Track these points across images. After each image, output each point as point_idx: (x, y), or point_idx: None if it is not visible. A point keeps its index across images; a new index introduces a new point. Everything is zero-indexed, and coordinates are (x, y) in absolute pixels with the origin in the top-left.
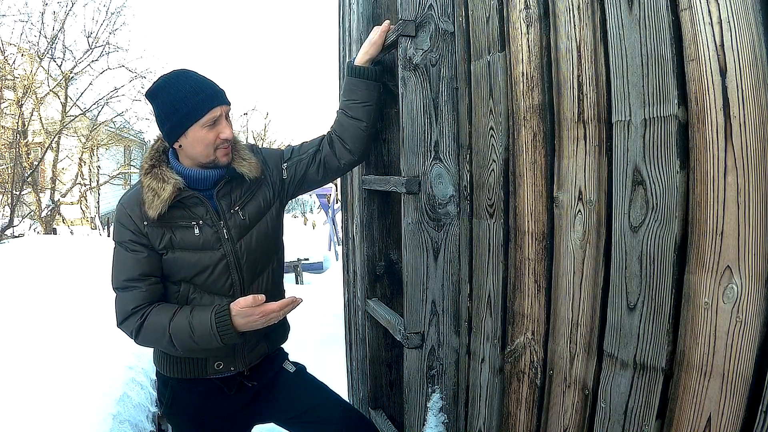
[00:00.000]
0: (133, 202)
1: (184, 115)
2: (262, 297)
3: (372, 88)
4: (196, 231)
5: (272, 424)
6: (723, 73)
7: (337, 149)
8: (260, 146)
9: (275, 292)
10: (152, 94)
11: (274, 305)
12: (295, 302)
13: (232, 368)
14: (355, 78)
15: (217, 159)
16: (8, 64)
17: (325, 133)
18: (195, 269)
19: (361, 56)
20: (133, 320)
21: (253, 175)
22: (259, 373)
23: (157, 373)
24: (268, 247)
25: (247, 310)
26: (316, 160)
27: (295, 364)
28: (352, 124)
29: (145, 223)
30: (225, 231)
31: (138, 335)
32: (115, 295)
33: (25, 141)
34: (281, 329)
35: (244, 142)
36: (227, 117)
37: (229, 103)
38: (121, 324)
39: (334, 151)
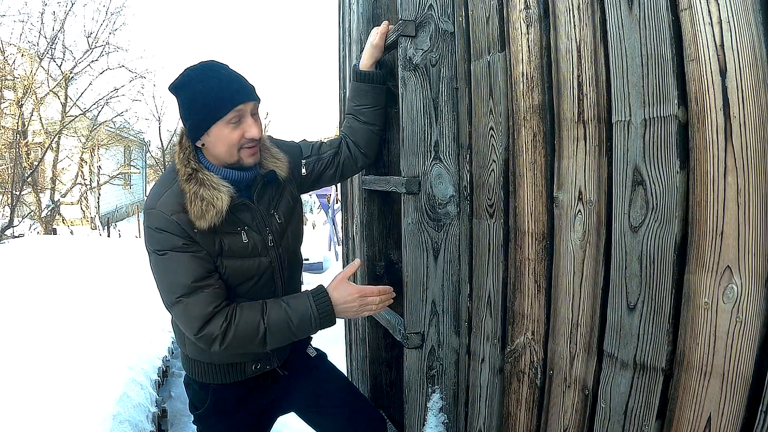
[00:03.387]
0: (176, 208)
1: (208, 112)
2: (357, 262)
3: (380, 92)
4: (244, 238)
5: (283, 424)
6: (723, 73)
7: (353, 153)
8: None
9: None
10: (176, 88)
11: (373, 288)
12: (391, 294)
13: (267, 366)
14: (363, 83)
15: (242, 160)
16: (8, 64)
17: (341, 136)
18: (242, 277)
19: (366, 60)
20: (217, 323)
21: (285, 175)
22: (287, 363)
23: (190, 380)
24: (298, 247)
25: (346, 289)
26: (335, 163)
27: (317, 349)
28: (365, 129)
29: (195, 230)
30: (270, 237)
31: (224, 338)
32: (177, 305)
33: (25, 141)
34: None
35: (268, 138)
36: (254, 114)
37: (258, 99)
38: (200, 332)
39: (351, 155)
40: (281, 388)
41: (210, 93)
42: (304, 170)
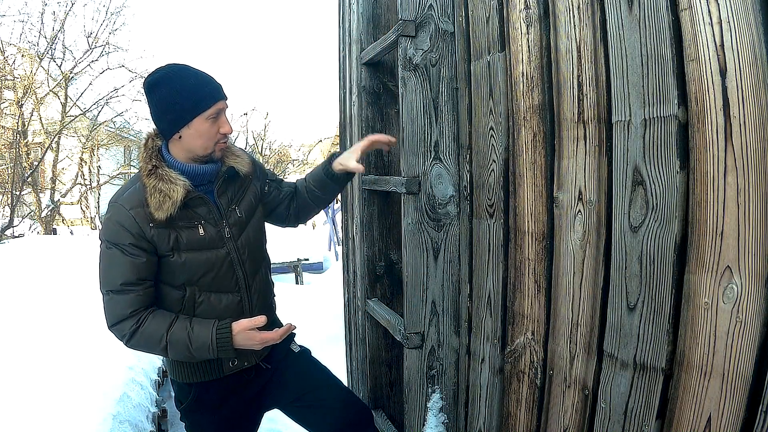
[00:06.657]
0: (136, 203)
1: (191, 106)
2: (262, 319)
3: (338, 190)
4: (201, 231)
5: (275, 425)
6: (723, 73)
7: (292, 211)
8: (259, 146)
9: (268, 287)
10: (153, 84)
11: (273, 334)
12: (290, 329)
13: (246, 363)
14: (331, 182)
15: (215, 152)
16: (8, 64)
17: (297, 184)
18: (202, 269)
19: (345, 161)
20: (128, 324)
21: (246, 171)
22: (270, 357)
23: (173, 379)
24: (261, 243)
25: (249, 333)
26: (293, 204)
27: (300, 345)
28: (311, 206)
29: (151, 225)
30: (227, 229)
31: (131, 339)
32: (104, 297)
33: (25, 141)
34: (279, 326)
35: (232, 141)
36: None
37: (227, 98)
38: (113, 326)
39: (296, 208)
40: (266, 383)
41: (194, 88)
42: (266, 188)
